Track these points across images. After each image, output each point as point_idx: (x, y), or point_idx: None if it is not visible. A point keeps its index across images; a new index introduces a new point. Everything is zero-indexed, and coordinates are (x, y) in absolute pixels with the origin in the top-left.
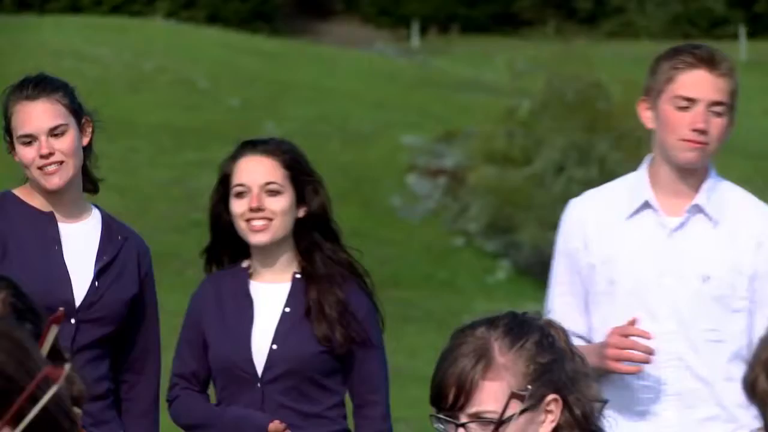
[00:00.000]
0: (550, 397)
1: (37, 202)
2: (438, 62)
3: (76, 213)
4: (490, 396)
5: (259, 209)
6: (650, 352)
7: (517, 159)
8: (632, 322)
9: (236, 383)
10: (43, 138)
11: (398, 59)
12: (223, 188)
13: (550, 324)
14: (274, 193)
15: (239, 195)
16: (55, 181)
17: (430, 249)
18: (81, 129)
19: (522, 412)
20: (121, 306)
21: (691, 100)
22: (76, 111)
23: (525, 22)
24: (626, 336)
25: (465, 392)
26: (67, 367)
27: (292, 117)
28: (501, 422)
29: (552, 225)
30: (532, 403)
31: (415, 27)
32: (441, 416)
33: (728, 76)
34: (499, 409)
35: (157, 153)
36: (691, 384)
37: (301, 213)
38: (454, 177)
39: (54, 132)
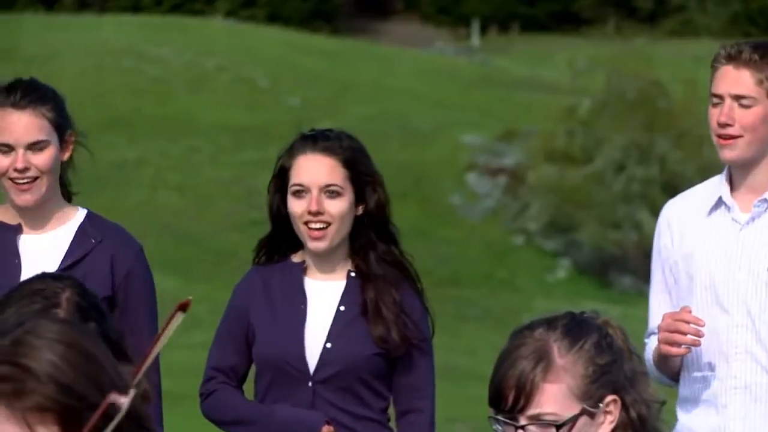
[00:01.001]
0: (609, 398)
1: (8, 214)
2: (498, 61)
3: (45, 224)
4: (550, 398)
5: (318, 212)
6: (697, 334)
7: (577, 158)
8: (685, 310)
9: (285, 381)
10: (21, 151)
11: (458, 58)
12: (280, 181)
13: (608, 324)
14: (333, 194)
15: (297, 194)
16: (26, 198)
17: (490, 248)
18: (63, 143)
19: (581, 413)
20: None
21: (719, 97)
22: (61, 125)
23: (585, 20)
24: (676, 320)
25: (525, 394)
26: (132, 392)
27: (352, 116)
28: (561, 424)
29: (612, 224)
30: (591, 405)
31: (475, 26)
32: (500, 418)
33: (753, 67)
34: (559, 411)
35: (217, 152)
36: (758, 377)
37: (359, 211)
38: (514, 176)
39: (33, 147)
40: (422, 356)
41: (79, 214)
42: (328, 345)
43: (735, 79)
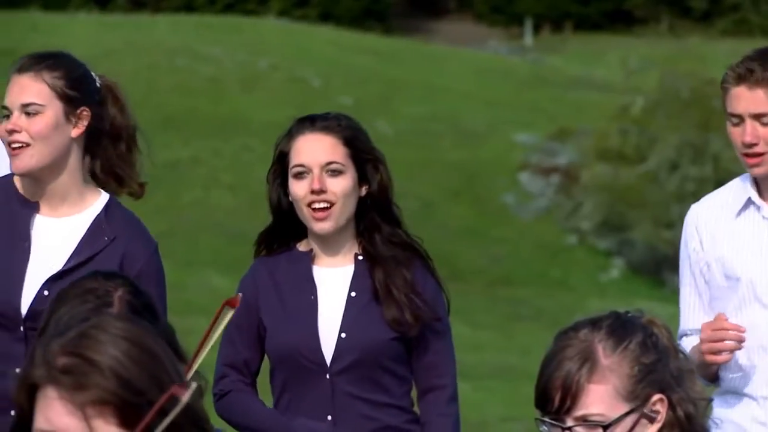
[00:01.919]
0: (656, 397)
1: (28, 190)
2: (551, 60)
3: (61, 207)
4: (596, 399)
5: (321, 191)
6: (740, 339)
7: (630, 157)
8: (721, 318)
9: (302, 374)
10: (15, 113)
11: (511, 57)
12: (280, 167)
13: (653, 322)
14: (335, 173)
15: (298, 176)
16: (16, 164)
17: (543, 247)
18: (71, 118)
19: (628, 413)
20: None
21: (738, 116)
22: (70, 97)
23: (638, 19)
24: (717, 330)
25: (571, 396)
26: (194, 385)
27: (405, 115)
28: (608, 425)
29: (666, 223)
30: (638, 405)
31: (528, 25)
32: (547, 420)
33: (765, 85)
34: (606, 412)
35: (270, 151)
36: None
37: (363, 192)
38: (567, 175)
39: (26, 110)
40: (438, 335)
41: (98, 202)
42: (343, 335)
43: (751, 100)
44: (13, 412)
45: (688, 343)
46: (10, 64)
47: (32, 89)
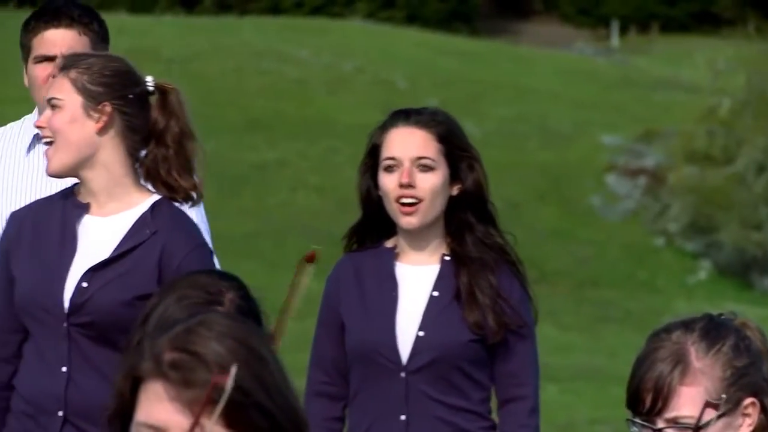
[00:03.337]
0: (748, 400)
1: (79, 192)
2: (637, 61)
3: (110, 207)
4: (687, 401)
5: (409, 185)
6: None
7: (717, 158)
8: None
9: (377, 373)
10: (46, 110)
11: (597, 59)
12: (372, 160)
13: (746, 325)
14: (426, 168)
15: (389, 169)
16: (47, 167)
17: (630, 249)
18: (92, 113)
19: (719, 416)
20: (119, 307)
21: None
22: (91, 92)
23: (725, 21)
24: None
25: (662, 397)
26: (234, 369)
27: (491, 117)
28: (699, 427)
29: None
30: (730, 408)
31: (615, 26)
32: (638, 421)
33: None
34: (697, 414)
35: (356, 153)
36: None
37: (455, 191)
38: (654, 177)
39: (51, 104)
40: (522, 342)
41: (146, 201)
42: (421, 333)
43: None
44: (60, 413)
45: None
46: None
47: (56, 84)
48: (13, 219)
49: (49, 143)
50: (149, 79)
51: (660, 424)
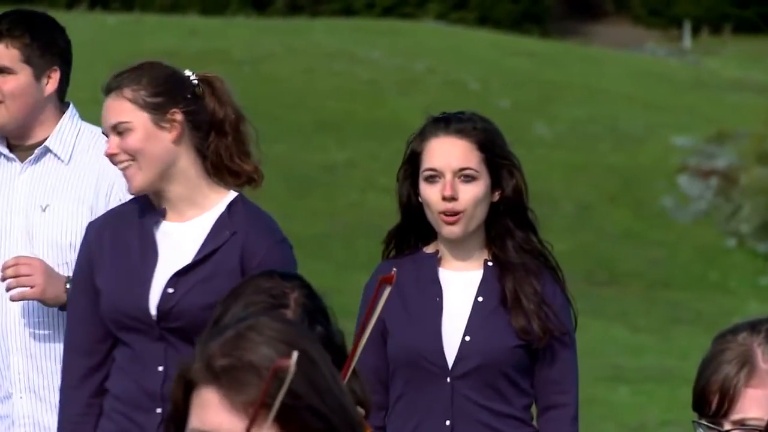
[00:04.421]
0: None
1: (156, 201)
2: (709, 62)
3: (186, 211)
4: (754, 403)
5: (452, 198)
6: None
7: None
8: None
9: (422, 378)
10: (111, 137)
11: (669, 60)
12: (411, 167)
13: None
14: (468, 179)
15: (430, 179)
16: (129, 187)
17: (702, 250)
18: (163, 124)
19: None
20: (205, 311)
21: None
22: (154, 105)
23: None
24: None
25: (728, 399)
26: (295, 354)
27: (563, 118)
28: (767, 430)
29: None
30: None
31: (687, 27)
32: (704, 423)
33: None
34: (764, 416)
35: None
36: None
37: (495, 197)
38: (725, 178)
39: (117, 130)
40: (564, 349)
41: (222, 202)
42: (467, 338)
43: None
44: (159, 410)
45: None
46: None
47: (115, 109)
48: (92, 228)
49: (124, 167)
50: (190, 73)
51: (726, 426)
